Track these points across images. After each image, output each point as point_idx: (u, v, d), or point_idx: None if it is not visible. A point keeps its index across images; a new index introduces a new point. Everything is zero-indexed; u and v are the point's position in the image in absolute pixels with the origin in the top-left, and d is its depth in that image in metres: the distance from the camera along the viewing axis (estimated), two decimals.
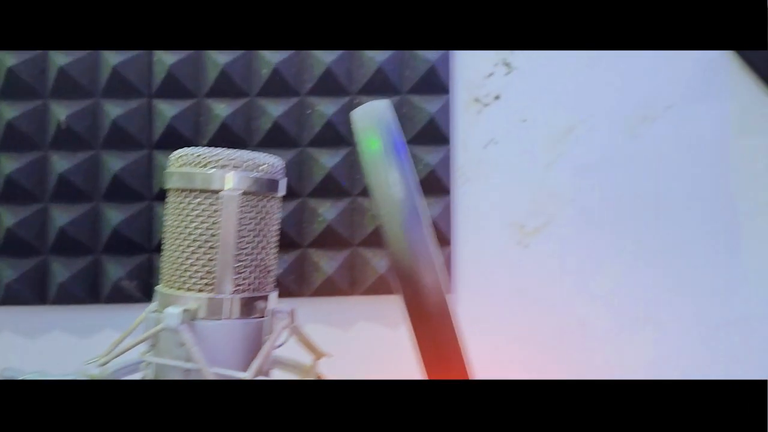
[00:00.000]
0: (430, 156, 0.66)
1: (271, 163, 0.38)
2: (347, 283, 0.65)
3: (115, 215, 0.64)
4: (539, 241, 0.68)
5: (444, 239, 0.66)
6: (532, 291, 0.68)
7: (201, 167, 0.36)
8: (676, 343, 0.68)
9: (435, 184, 0.66)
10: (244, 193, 0.36)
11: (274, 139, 0.65)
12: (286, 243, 0.65)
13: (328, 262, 0.65)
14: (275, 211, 0.39)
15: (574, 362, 0.68)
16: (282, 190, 0.39)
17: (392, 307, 0.65)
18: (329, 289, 0.65)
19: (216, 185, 0.36)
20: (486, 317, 0.67)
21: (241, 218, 0.36)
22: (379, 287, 0.65)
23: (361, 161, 0.32)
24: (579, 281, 0.68)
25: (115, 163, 0.64)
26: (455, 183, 0.68)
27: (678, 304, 0.68)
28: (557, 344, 0.68)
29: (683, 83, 0.69)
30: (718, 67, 0.69)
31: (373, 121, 0.34)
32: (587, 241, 0.68)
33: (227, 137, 0.65)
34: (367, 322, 0.67)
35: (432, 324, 0.30)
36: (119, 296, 0.64)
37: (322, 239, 0.65)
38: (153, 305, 0.38)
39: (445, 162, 0.66)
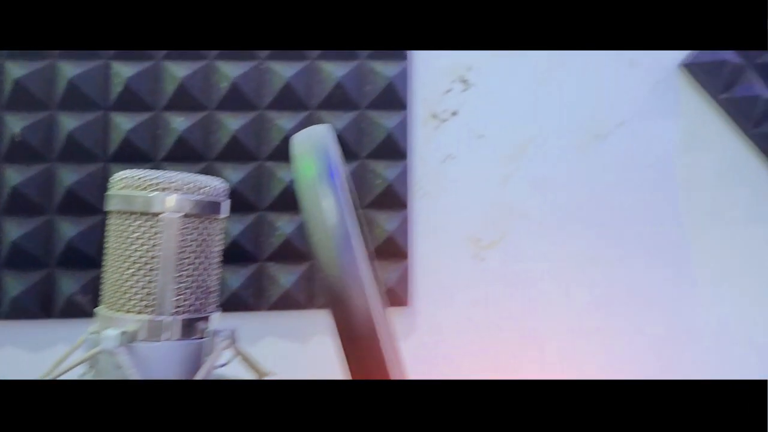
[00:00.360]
0: (388, 171, 0.67)
1: (213, 185, 0.38)
2: (305, 297, 0.66)
3: (69, 229, 0.63)
4: (495, 254, 0.69)
5: (401, 253, 0.67)
6: (488, 303, 0.69)
7: (142, 190, 0.36)
8: (627, 351, 0.70)
9: (393, 199, 0.67)
10: (185, 216, 0.37)
11: (233, 153, 0.66)
12: (243, 257, 0.65)
13: (286, 276, 0.66)
14: (217, 233, 0.39)
15: (528, 372, 0.69)
16: (225, 212, 0.39)
17: None
18: (287, 302, 0.66)
19: (156, 208, 0.36)
20: (443, 329, 0.68)
21: (182, 240, 0.36)
22: None
23: (295, 186, 0.33)
24: (533, 293, 0.70)
25: (69, 176, 0.64)
26: (413, 197, 0.69)
27: (629, 314, 0.70)
28: (513, 354, 0.69)
29: (634, 101, 0.71)
30: (667, 85, 0.71)
31: (310, 146, 0.35)
32: (542, 254, 0.70)
33: (185, 151, 0.65)
34: (325, 336, 0.67)
35: (360, 347, 0.30)
36: (73, 311, 0.63)
37: (280, 253, 0.66)
38: (94, 326, 0.38)
39: (403, 177, 0.67)
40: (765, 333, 0.71)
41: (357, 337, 0.30)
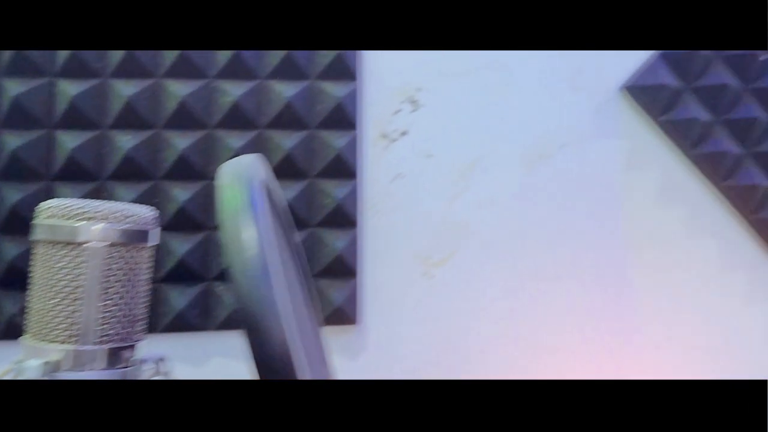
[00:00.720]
0: (338, 190, 0.68)
1: (141, 214, 0.38)
2: None
3: (11, 249, 0.62)
4: (444, 272, 0.71)
5: (350, 271, 0.67)
6: (437, 320, 0.70)
7: (67, 219, 0.36)
8: (571, 367, 0.72)
9: (342, 217, 0.68)
10: (111, 245, 0.36)
11: (180, 172, 0.65)
12: (190, 276, 0.65)
13: (233, 296, 0.65)
14: (145, 261, 0.39)
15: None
16: (153, 240, 0.39)
17: None
18: (235, 322, 0.65)
19: (81, 237, 0.36)
20: (393, 346, 0.69)
21: (107, 270, 0.36)
22: None
23: (217, 217, 0.33)
24: (481, 310, 0.71)
25: (12, 195, 0.63)
26: (362, 216, 0.70)
27: (573, 330, 0.72)
28: (462, 370, 0.70)
29: (577, 123, 0.73)
30: (609, 107, 0.74)
31: (235, 177, 0.35)
32: (489, 271, 0.71)
33: (131, 170, 0.65)
34: None
35: (276, 378, 0.31)
36: (14, 332, 0.62)
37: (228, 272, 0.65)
38: (19, 356, 0.38)
39: (353, 196, 0.68)
40: (705, 342, 0.73)
41: (273, 370, 0.31)
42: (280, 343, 0.31)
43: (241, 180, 0.35)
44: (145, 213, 0.39)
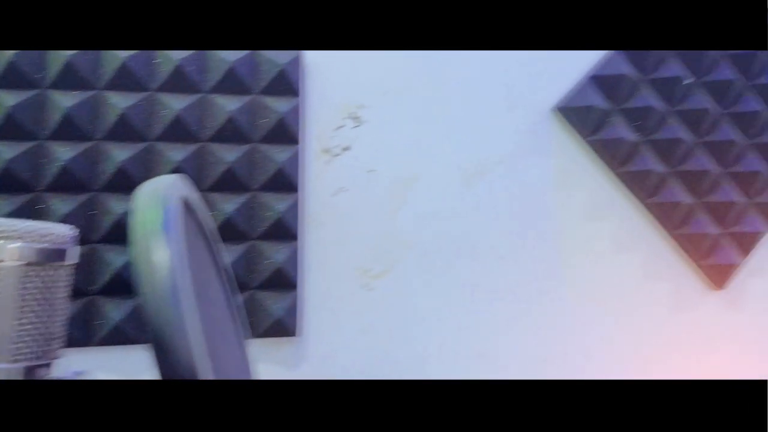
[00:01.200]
0: (280, 203, 0.69)
1: (58, 233, 0.38)
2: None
3: None
4: (383, 285, 0.73)
5: (291, 283, 0.69)
6: (377, 332, 0.72)
7: None
8: (509, 374, 0.75)
9: (283, 231, 0.69)
10: (27, 264, 0.37)
11: (119, 185, 0.65)
12: (127, 289, 0.65)
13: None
14: (62, 280, 0.39)
15: None
16: (72, 259, 0.40)
17: None
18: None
19: None
20: (332, 358, 0.71)
21: (23, 289, 0.37)
22: None
23: (130, 236, 0.34)
24: (420, 322, 0.73)
25: None
26: (304, 229, 0.71)
27: (509, 341, 0.75)
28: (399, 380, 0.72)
29: (512, 141, 0.76)
30: (542, 127, 0.77)
31: (151, 198, 0.36)
32: (428, 283, 0.73)
33: (68, 181, 0.64)
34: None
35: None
36: None
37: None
38: None
39: (294, 209, 0.69)
40: (632, 351, 0.77)
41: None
42: (186, 363, 0.32)
43: (157, 202, 0.36)
44: (63, 232, 0.39)
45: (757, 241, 0.81)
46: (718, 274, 0.79)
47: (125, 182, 0.66)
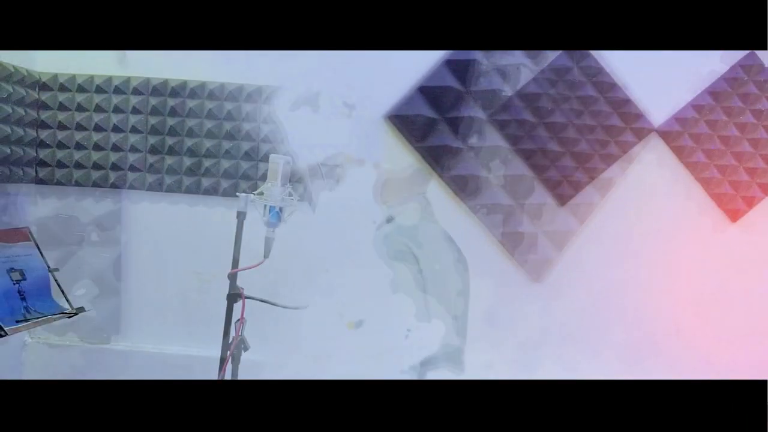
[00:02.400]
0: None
1: None
2: None
3: None
4: (216, 287, 0.73)
5: (113, 289, 0.68)
6: (212, 334, 0.72)
7: None
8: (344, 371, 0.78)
9: (107, 236, 0.68)
10: None
11: None
12: None
13: None
14: None
15: None
16: None
17: None
18: None
19: None
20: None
21: None
22: None
23: None
24: (254, 322, 0.74)
25: None
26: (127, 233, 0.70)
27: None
28: None
29: (350, 146, 0.80)
30: (376, 133, 0.82)
31: None
32: (265, 286, 0.75)
33: None
34: None
35: None
36: None
37: None
38: None
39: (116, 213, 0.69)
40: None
41: None
42: None
43: None
44: None
45: (569, 240, 0.90)
46: (537, 269, 0.87)
47: None
